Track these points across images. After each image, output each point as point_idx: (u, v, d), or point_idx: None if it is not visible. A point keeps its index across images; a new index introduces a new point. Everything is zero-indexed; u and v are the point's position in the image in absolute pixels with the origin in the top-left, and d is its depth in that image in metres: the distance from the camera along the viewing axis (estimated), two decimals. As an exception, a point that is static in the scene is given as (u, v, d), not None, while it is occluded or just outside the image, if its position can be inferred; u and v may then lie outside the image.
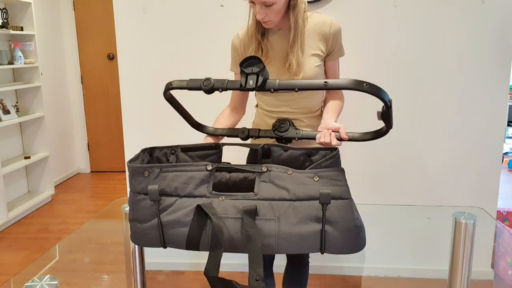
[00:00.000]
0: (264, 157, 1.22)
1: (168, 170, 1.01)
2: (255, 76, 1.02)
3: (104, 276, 2.16)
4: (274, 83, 1.05)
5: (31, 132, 3.84)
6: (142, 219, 1.03)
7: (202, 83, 1.08)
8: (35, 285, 0.93)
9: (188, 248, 1.01)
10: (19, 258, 2.84)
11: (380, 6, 2.21)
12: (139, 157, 1.11)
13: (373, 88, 0.97)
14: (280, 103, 1.47)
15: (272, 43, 1.44)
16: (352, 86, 1.01)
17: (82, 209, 3.73)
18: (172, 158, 1.23)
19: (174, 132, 2.39)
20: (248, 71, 1.03)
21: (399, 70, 2.26)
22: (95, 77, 4.65)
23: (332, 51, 1.46)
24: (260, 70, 1.02)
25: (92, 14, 4.53)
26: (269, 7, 1.31)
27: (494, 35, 2.18)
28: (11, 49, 3.58)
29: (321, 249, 0.97)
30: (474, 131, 2.28)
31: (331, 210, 0.96)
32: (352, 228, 0.97)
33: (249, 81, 1.03)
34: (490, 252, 2.37)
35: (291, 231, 0.96)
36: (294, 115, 1.47)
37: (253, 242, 0.94)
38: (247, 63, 1.05)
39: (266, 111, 1.52)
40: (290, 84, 1.05)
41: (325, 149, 1.18)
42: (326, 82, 1.02)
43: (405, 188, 2.36)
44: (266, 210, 0.97)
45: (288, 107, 1.47)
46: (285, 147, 1.22)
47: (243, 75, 1.05)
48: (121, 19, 2.32)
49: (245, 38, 1.47)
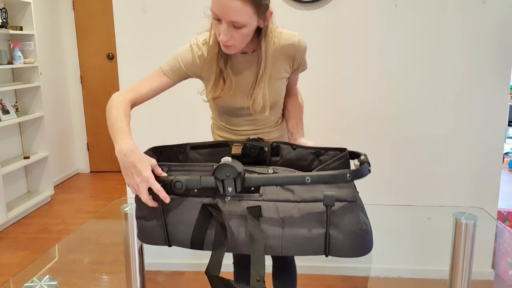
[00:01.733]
0: (273, 155, 1.21)
1: (177, 169, 1.02)
2: (232, 182, 0.94)
3: (103, 276, 2.15)
4: (255, 181, 0.95)
5: (31, 132, 3.84)
6: (148, 217, 1.04)
7: (174, 185, 0.97)
8: (34, 285, 0.93)
9: (193, 248, 1.01)
10: (19, 258, 2.83)
11: (381, 6, 2.20)
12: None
13: (356, 175, 0.92)
14: (243, 122, 1.39)
15: (235, 70, 1.29)
16: (336, 181, 0.93)
17: (82, 209, 3.72)
18: (182, 156, 1.22)
19: (174, 132, 2.39)
20: (222, 177, 0.94)
21: (399, 70, 2.26)
22: (94, 77, 4.65)
23: (297, 69, 1.37)
24: (236, 176, 0.93)
25: (92, 14, 4.53)
26: (237, 28, 1.13)
27: (494, 35, 2.18)
28: (11, 49, 3.58)
29: (325, 252, 0.96)
30: (474, 131, 2.28)
31: (336, 212, 0.94)
32: (357, 231, 0.94)
33: (227, 188, 0.94)
34: (490, 252, 2.36)
35: (295, 233, 0.95)
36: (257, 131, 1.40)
37: (256, 243, 0.93)
38: (220, 171, 0.94)
39: (227, 128, 1.43)
40: (271, 181, 0.96)
41: (334, 149, 1.16)
42: (308, 178, 0.92)
43: (405, 188, 2.36)
44: (271, 211, 0.96)
45: (251, 126, 1.39)
46: (294, 145, 1.21)
47: (218, 181, 0.95)
48: (120, 19, 2.32)
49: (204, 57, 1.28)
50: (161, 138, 2.38)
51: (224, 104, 1.34)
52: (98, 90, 4.67)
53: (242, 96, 1.31)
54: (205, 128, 1.60)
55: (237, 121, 1.40)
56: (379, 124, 2.32)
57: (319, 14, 2.23)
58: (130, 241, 1.31)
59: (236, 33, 1.14)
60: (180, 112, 2.37)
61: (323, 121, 2.33)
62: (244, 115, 1.37)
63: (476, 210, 1.35)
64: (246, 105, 1.32)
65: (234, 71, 1.29)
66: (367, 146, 2.32)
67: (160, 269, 2.52)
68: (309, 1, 2.22)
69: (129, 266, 1.32)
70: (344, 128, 2.34)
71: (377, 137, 2.33)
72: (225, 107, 1.36)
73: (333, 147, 1.17)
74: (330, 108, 2.33)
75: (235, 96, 1.31)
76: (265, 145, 1.20)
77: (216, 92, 1.29)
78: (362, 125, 2.34)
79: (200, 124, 2.02)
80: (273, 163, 1.21)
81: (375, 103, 2.30)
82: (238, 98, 1.32)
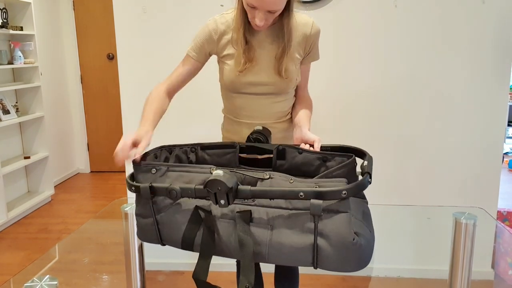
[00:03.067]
0: (279, 158, 1.20)
1: (175, 169, 1.02)
2: (225, 195, 0.92)
3: (103, 276, 2.15)
4: (248, 194, 0.93)
5: (31, 132, 3.84)
6: (144, 215, 1.05)
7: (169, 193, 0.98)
8: (34, 285, 0.93)
9: (184, 248, 1.01)
10: (19, 258, 2.83)
11: (380, 6, 2.20)
12: (149, 154, 1.12)
13: (353, 192, 0.88)
14: (257, 107, 1.40)
15: (259, 44, 1.34)
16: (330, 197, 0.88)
17: (82, 209, 3.72)
18: (192, 156, 1.23)
19: (174, 132, 2.39)
20: (214, 190, 0.93)
21: (398, 70, 2.26)
22: (95, 77, 4.65)
23: (308, 54, 1.39)
24: (228, 190, 0.91)
25: (92, 14, 4.53)
26: (272, 13, 1.22)
27: (494, 35, 2.18)
28: (11, 49, 3.58)
29: (314, 264, 0.92)
30: (474, 131, 2.28)
31: (325, 222, 0.89)
32: (347, 244, 0.88)
33: (219, 200, 0.93)
34: (490, 252, 2.36)
35: (283, 241, 0.92)
36: (266, 122, 1.40)
37: (245, 248, 0.92)
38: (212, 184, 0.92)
39: (236, 121, 1.44)
40: (263, 194, 0.93)
41: (341, 156, 1.13)
42: (302, 194, 0.89)
43: (405, 188, 2.36)
44: (261, 217, 0.94)
45: (264, 113, 1.40)
46: (299, 149, 1.18)
47: (210, 194, 0.94)
48: (121, 19, 2.32)
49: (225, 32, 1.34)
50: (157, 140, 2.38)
51: (245, 79, 1.34)
52: (98, 90, 4.67)
53: (267, 69, 1.34)
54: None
55: (250, 103, 1.38)
56: (379, 124, 2.32)
57: (318, 14, 2.23)
58: (130, 241, 1.31)
59: (270, 16, 1.23)
60: (176, 114, 2.37)
61: (323, 121, 2.33)
62: (259, 93, 1.37)
63: (476, 210, 1.35)
64: (266, 80, 1.34)
65: (258, 44, 1.33)
66: (367, 146, 2.32)
67: (160, 269, 2.52)
68: (309, 1, 2.22)
69: (129, 266, 1.32)
70: (344, 128, 2.34)
71: (376, 137, 2.33)
72: (245, 82, 1.35)
73: (340, 152, 1.14)
74: (329, 108, 2.33)
75: (260, 66, 1.33)
76: (271, 147, 1.20)
77: (241, 66, 1.31)
78: (361, 125, 2.34)
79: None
80: (279, 167, 1.20)
81: (375, 103, 2.30)
82: (264, 69, 1.34)
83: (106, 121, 4.71)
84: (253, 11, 1.22)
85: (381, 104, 2.30)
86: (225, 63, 1.36)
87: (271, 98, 1.38)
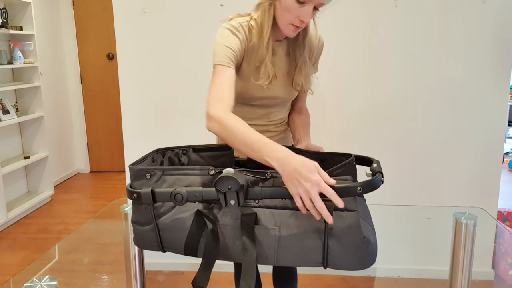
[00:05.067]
0: None
1: (171, 173, 0.98)
2: (235, 195, 0.89)
3: (103, 276, 2.15)
4: (259, 194, 0.90)
5: (31, 132, 3.84)
6: (142, 222, 1.01)
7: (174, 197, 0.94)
8: (34, 285, 0.93)
9: (187, 254, 0.98)
10: (19, 259, 2.83)
11: (381, 6, 2.20)
12: (146, 158, 1.09)
13: (368, 188, 0.86)
14: (255, 116, 1.36)
15: (278, 57, 1.29)
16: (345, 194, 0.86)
17: (82, 209, 3.72)
18: (184, 158, 1.18)
19: (174, 132, 2.39)
20: (224, 190, 0.89)
21: (398, 70, 2.26)
22: (94, 77, 4.65)
23: (312, 65, 1.36)
24: (239, 189, 0.89)
25: (92, 14, 4.53)
26: (316, 10, 1.15)
27: (494, 35, 2.18)
28: (11, 49, 3.58)
29: (323, 264, 0.91)
30: (474, 131, 2.28)
31: (335, 222, 0.88)
32: (357, 242, 0.88)
33: (229, 201, 0.90)
34: (490, 252, 2.36)
35: (292, 243, 0.90)
36: (266, 127, 1.38)
37: (248, 252, 0.89)
38: (222, 183, 0.90)
39: None
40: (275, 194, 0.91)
41: (339, 155, 1.12)
42: None
43: (405, 188, 2.36)
44: (267, 219, 0.91)
45: (262, 120, 1.37)
46: (297, 149, 1.17)
47: (220, 194, 0.90)
48: (120, 19, 2.32)
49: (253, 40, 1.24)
50: (157, 140, 2.37)
51: (263, 94, 1.29)
52: (98, 90, 4.67)
53: (282, 84, 1.30)
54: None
55: (249, 114, 1.34)
56: (379, 124, 2.32)
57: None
58: (130, 241, 1.31)
59: (314, 14, 1.19)
60: (176, 115, 2.37)
61: (322, 121, 2.33)
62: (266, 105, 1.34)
63: (476, 210, 1.35)
64: (280, 94, 1.31)
65: (277, 58, 1.29)
66: (367, 146, 2.32)
67: (160, 269, 2.52)
68: (309, 1, 2.22)
69: (129, 266, 1.31)
70: (344, 128, 2.34)
71: (376, 137, 2.33)
72: (261, 97, 1.30)
73: (339, 152, 1.12)
74: (329, 108, 2.33)
75: (278, 83, 1.28)
76: None
77: (264, 80, 1.24)
78: (361, 125, 2.33)
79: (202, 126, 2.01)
80: None
81: (374, 103, 2.30)
82: (281, 83, 1.30)
83: (106, 121, 4.71)
84: (298, 9, 1.14)
85: (380, 104, 2.30)
86: (242, 74, 1.28)
87: (272, 108, 1.36)
